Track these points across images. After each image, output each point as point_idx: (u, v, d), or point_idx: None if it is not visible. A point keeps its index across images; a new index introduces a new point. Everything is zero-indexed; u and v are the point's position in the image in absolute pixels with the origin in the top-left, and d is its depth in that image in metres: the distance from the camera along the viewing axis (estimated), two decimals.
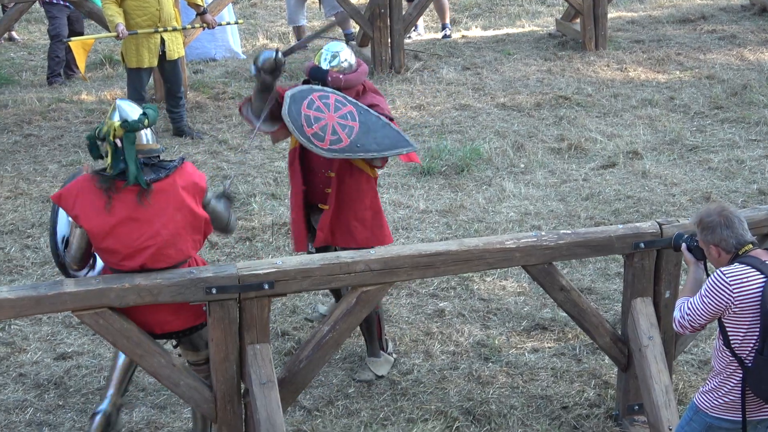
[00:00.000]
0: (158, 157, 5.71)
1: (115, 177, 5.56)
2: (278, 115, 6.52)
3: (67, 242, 5.84)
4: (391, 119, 6.68)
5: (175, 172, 5.63)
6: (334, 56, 6.70)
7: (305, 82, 6.79)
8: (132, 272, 5.58)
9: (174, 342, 6.02)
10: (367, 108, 6.53)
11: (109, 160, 5.59)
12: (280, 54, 6.52)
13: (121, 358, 6.03)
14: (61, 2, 12.45)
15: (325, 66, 6.68)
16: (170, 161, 5.72)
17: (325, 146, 6.40)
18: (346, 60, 6.70)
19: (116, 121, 5.58)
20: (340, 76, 6.63)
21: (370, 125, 6.48)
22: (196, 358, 6.04)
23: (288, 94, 6.46)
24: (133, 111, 5.64)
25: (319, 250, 6.74)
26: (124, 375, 6.08)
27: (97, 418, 5.99)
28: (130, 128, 5.57)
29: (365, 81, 6.80)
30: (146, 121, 5.62)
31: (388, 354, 7.07)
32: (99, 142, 5.66)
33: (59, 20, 12.56)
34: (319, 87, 6.54)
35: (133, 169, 5.54)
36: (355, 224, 6.71)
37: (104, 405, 6.03)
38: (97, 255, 5.84)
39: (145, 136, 5.64)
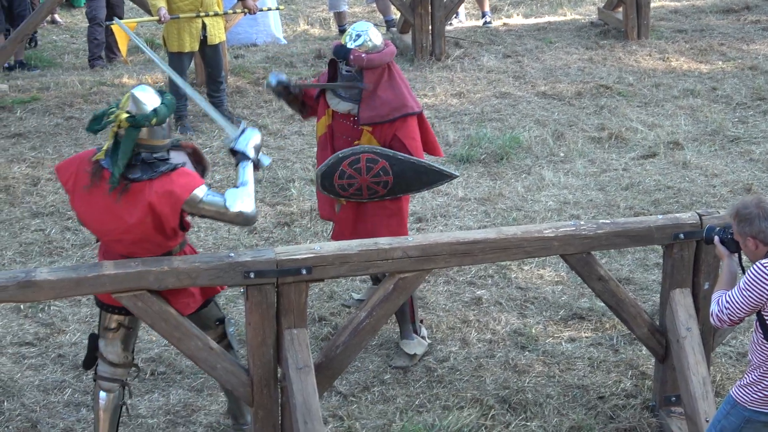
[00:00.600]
0: (161, 154, 5.53)
1: (106, 166, 5.47)
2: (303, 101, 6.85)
3: None
4: (420, 109, 6.71)
5: (160, 177, 5.46)
6: (358, 35, 6.71)
7: (331, 62, 6.82)
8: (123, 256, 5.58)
9: None
10: (400, 158, 6.54)
11: (104, 147, 5.50)
12: (292, 84, 6.78)
13: (101, 411, 5.92)
14: None
15: (349, 45, 6.69)
16: (166, 163, 5.53)
17: (365, 196, 6.62)
18: (370, 40, 6.69)
19: (124, 112, 5.47)
20: (363, 55, 6.62)
21: (406, 175, 6.58)
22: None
23: (318, 173, 6.60)
24: (147, 103, 5.50)
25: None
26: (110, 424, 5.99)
27: None
28: (135, 123, 5.45)
29: (392, 64, 6.75)
30: (154, 119, 5.47)
31: (421, 338, 7.07)
32: (104, 122, 5.52)
33: (97, 2, 12.63)
34: (349, 152, 6.52)
35: (121, 164, 5.40)
36: (380, 230, 6.69)
37: None
38: None
39: (153, 131, 5.50)
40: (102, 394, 5.91)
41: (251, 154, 5.73)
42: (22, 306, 7.49)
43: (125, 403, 5.99)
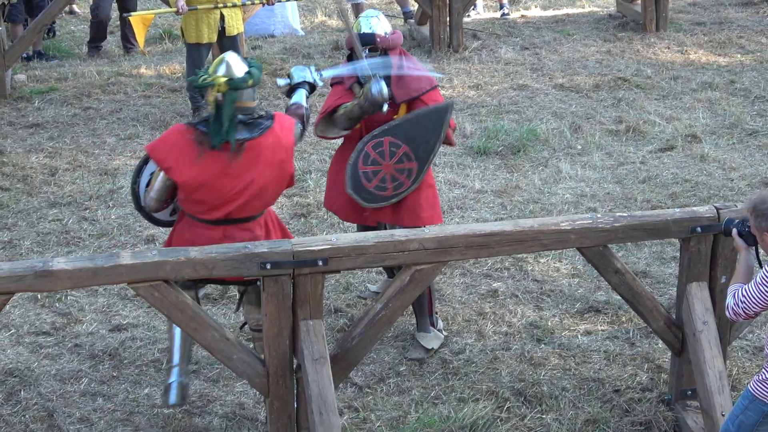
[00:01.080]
0: (253, 114, 5.88)
1: (209, 131, 5.77)
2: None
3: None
4: (435, 82, 6.94)
5: (268, 131, 5.86)
6: (375, 20, 6.89)
7: (349, 57, 6.92)
8: (211, 223, 5.89)
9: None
10: (397, 122, 6.68)
11: (212, 111, 5.81)
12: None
13: (178, 328, 6.13)
14: None
15: (370, 30, 6.82)
16: (263, 119, 5.90)
17: (389, 194, 6.72)
18: (383, 25, 6.88)
19: (222, 76, 5.78)
20: (387, 37, 6.82)
21: (412, 134, 6.67)
22: (258, 316, 6.12)
23: (350, 192, 6.71)
24: (239, 68, 5.84)
25: (364, 229, 6.80)
26: (185, 343, 6.25)
27: (174, 388, 6.14)
28: (234, 86, 5.78)
29: (401, 48, 6.99)
30: (250, 80, 5.83)
31: (438, 330, 7.08)
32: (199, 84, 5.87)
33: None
34: (354, 155, 6.70)
35: (227, 127, 5.75)
36: (420, 202, 6.78)
37: (175, 376, 6.18)
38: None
39: (246, 93, 5.83)
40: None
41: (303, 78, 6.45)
42: (39, 296, 7.51)
43: None
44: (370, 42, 6.80)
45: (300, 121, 6.21)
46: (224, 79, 5.76)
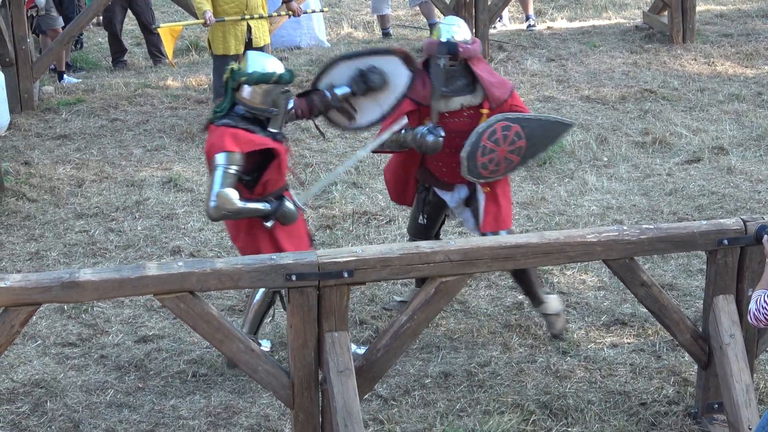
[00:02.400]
0: (257, 115, 6.33)
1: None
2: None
3: None
4: (512, 87, 7.01)
5: (218, 128, 6.25)
6: (456, 27, 6.92)
7: (425, 63, 6.95)
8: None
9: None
10: (528, 116, 6.86)
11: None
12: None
13: (257, 297, 6.68)
14: None
15: (454, 39, 6.85)
16: (238, 121, 6.31)
17: (501, 171, 6.85)
18: (464, 33, 6.92)
19: (235, 64, 6.42)
20: (468, 46, 6.84)
21: (535, 134, 6.82)
22: None
23: (463, 155, 6.75)
24: (256, 63, 6.33)
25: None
26: (255, 316, 6.74)
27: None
28: (233, 76, 6.31)
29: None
30: (244, 78, 6.27)
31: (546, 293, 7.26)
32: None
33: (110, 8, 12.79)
34: (484, 125, 6.73)
35: (222, 105, 6.36)
36: (507, 206, 7.00)
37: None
38: None
39: (247, 89, 6.29)
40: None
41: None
42: (65, 307, 7.56)
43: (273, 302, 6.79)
44: (452, 51, 6.81)
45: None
46: (235, 66, 6.34)
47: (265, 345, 6.98)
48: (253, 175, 6.35)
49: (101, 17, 13.34)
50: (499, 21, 14.44)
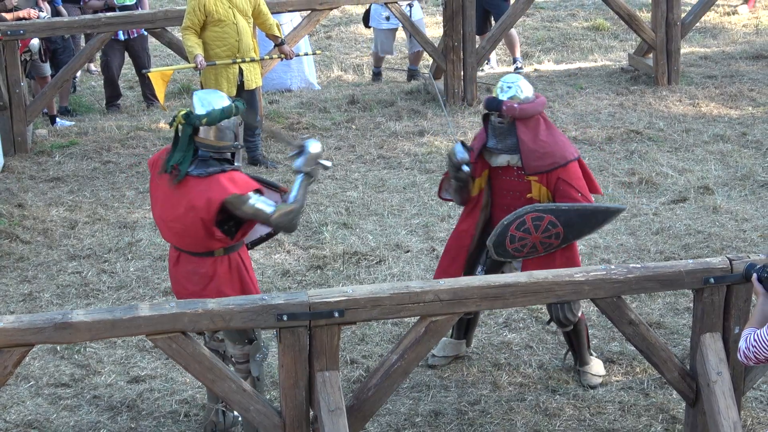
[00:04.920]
0: (222, 154, 6.17)
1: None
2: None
3: None
4: (578, 155, 6.94)
5: (208, 177, 6.09)
6: (509, 87, 6.92)
7: (485, 117, 7.00)
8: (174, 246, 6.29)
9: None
10: (564, 208, 6.74)
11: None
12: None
13: None
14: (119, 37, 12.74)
15: (501, 97, 6.89)
16: (219, 164, 6.16)
17: (541, 251, 6.84)
18: (521, 91, 6.89)
19: (184, 109, 6.19)
20: (515, 105, 6.82)
21: (573, 222, 6.76)
22: (233, 351, 6.40)
23: (489, 244, 6.84)
24: (208, 103, 6.16)
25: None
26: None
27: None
28: (189, 121, 6.13)
29: (544, 115, 6.96)
30: (204, 119, 6.12)
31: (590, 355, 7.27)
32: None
33: (109, 53, 12.90)
34: (512, 216, 6.76)
35: (177, 156, 6.13)
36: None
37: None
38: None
39: (207, 130, 6.15)
40: None
41: (307, 168, 6.30)
42: (58, 347, 7.59)
43: None
44: (495, 109, 6.87)
45: (272, 204, 6.20)
46: (184, 112, 6.16)
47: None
48: (229, 224, 6.21)
49: (99, 61, 13.41)
50: (487, 64, 14.53)
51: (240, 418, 6.59)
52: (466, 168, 6.92)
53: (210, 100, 6.18)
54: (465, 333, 7.43)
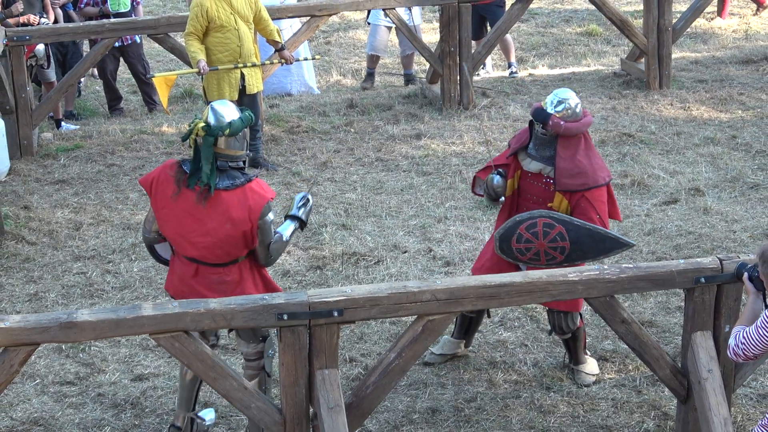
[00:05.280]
0: (237, 163, 6.18)
1: (188, 171, 6.08)
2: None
3: None
4: (610, 178, 6.98)
5: (240, 188, 6.10)
6: (560, 102, 6.96)
7: (530, 124, 7.06)
8: (186, 258, 6.19)
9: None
10: (577, 224, 6.77)
11: (192, 154, 6.16)
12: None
13: (187, 377, 6.47)
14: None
15: (549, 110, 6.92)
16: (244, 174, 6.18)
17: (543, 262, 6.80)
18: (571, 108, 6.93)
19: (201, 121, 6.11)
20: (561, 123, 6.86)
21: (582, 242, 6.78)
22: (246, 349, 6.43)
23: (496, 235, 6.84)
24: (224, 115, 6.14)
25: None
26: (189, 393, 6.54)
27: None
28: (210, 132, 6.09)
29: (586, 134, 6.99)
30: (228, 130, 6.11)
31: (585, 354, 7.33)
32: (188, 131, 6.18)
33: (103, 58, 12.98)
34: (526, 215, 6.80)
35: (206, 170, 6.06)
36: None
37: (178, 422, 6.48)
38: None
39: (224, 140, 6.12)
40: None
41: (301, 215, 6.43)
42: (63, 346, 7.68)
43: None
44: (541, 120, 6.91)
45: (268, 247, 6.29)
46: (202, 124, 6.10)
47: (209, 416, 6.86)
48: None
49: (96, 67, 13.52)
50: (483, 68, 14.61)
51: (208, 427, 6.72)
52: (502, 199, 7.02)
53: (224, 112, 6.19)
54: (465, 333, 7.55)
